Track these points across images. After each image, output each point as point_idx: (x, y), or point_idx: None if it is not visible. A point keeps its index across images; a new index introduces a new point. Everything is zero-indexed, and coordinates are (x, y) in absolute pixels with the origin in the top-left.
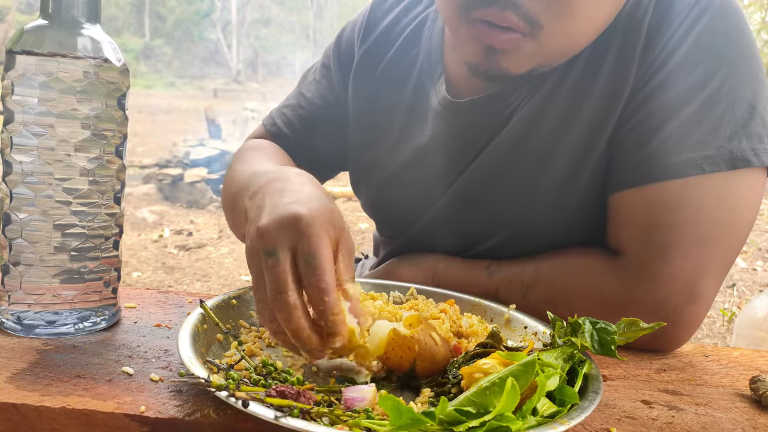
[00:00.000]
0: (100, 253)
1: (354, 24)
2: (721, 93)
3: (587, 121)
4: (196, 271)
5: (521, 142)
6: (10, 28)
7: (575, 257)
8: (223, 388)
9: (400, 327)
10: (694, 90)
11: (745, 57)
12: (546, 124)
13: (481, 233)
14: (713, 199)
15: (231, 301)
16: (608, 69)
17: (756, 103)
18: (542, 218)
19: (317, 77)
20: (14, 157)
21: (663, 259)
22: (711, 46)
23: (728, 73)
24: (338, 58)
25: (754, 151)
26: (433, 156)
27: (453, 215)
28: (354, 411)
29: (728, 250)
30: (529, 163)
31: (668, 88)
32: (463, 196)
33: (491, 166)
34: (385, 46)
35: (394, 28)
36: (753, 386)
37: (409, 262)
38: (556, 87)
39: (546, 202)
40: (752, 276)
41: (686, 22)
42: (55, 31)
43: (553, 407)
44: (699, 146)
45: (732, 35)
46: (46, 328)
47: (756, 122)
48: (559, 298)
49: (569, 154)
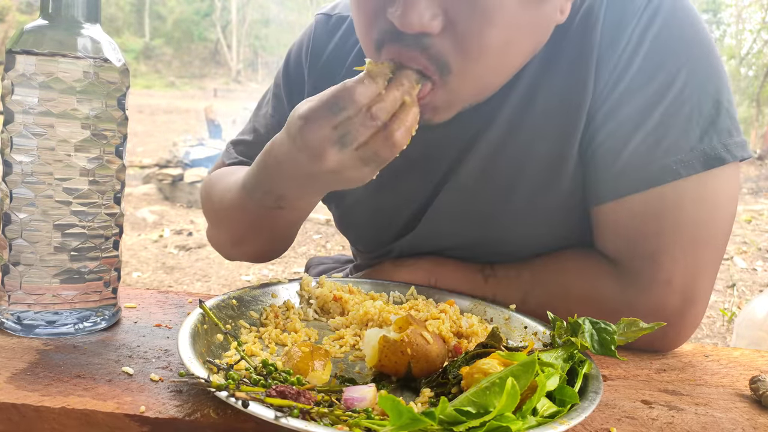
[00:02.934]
0: (100, 253)
1: (300, 48)
2: (685, 94)
3: (552, 135)
4: (196, 271)
5: (491, 162)
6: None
7: (572, 261)
8: (223, 388)
9: (389, 332)
10: (659, 95)
11: (703, 53)
12: (511, 143)
13: (459, 251)
14: (693, 200)
15: (231, 301)
16: (564, 82)
17: (720, 97)
18: (521, 235)
19: (269, 110)
20: (14, 157)
21: (654, 266)
22: (668, 48)
23: (689, 73)
24: (288, 86)
25: (726, 147)
26: (398, 178)
27: (429, 235)
28: (354, 411)
29: (716, 247)
30: (501, 183)
31: (632, 97)
32: (438, 215)
33: (462, 187)
34: (335, 67)
35: (340, 51)
36: (753, 386)
37: (405, 266)
38: (517, 105)
39: (523, 219)
40: (752, 276)
41: (639, 26)
42: (55, 31)
43: (553, 407)
44: (671, 151)
45: (687, 34)
46: (46, 328)
47: (723, 117)
48: (557, 303)
49: (538, 170)
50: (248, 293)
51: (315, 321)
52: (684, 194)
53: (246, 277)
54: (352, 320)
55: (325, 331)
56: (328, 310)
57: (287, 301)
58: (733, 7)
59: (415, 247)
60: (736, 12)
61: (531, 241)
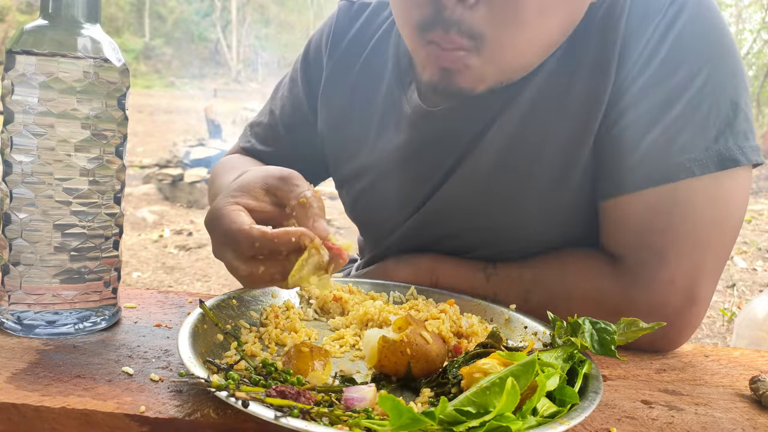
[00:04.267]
0: (100, 253)
1: (320, 36)
2: (704, 93)
3: (568, 126)
4: (196, 271)
5: (502, 150)
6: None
7: (574, 260)
8: (223, 388)
9: (389, 333)
10: (678, 92)
11: (724, 54)
12: (527, 132)
13: (465, 242)
14: (705, 200)
15: (231, 301)
16: (586, 73)
17: (738, 100)
18: (529, 228)
19: (285, 93)
20: (14, 157)
21: (659, 263)
22: (691, 46)
23: (710, 73)
24: (306, 73)
25: (741, 149)
26: (410, 163)
27: (435, 224)
28: (354, 411)
29: (722, 249)
30: (511, 172)
31: (652, 91)
32: (445, 203)
33: (472, 175)
34: (353, 55)
35: (362, 36)
36: (753, 386)
37: (406, 263)
38: (536, 94)
39: (532, 210)
40: (752, 276)
41: (663, 22)
42: (55, 31)
43: (553, 407)
44: (687, 149)
45: (711, 33)
46: (46, 328)
47: (740, 120)
48: (559, 302)
49: (552, 161)
50: (248, 293)
51: (315, 321)
52: (696, 192)
53: None
54: (352, 320)
55: (325, 331)
56: (328, 310)
57: (287, 301)
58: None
59: (421, 230)
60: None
61: (533, 235)
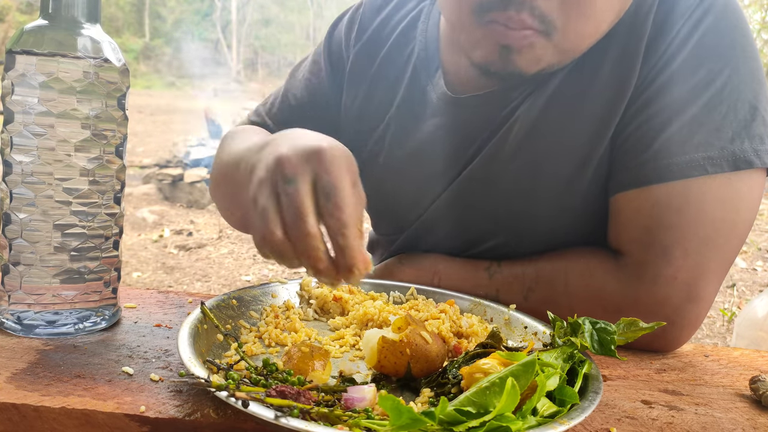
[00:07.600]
0: (100, 253)
1: (345, 23)
2: (724, 94)
3: (589, 119)
4: (196, 271)
5: (523, 140)
6: (10, 28)
7: (576, 258)
8: (223, 388)
9: (388, 333)
10: (698, 91)
11: (746, 57)
12: (548, 123)
13: (481, 233)
14: (715, 200)
15: (231, 301)
16: (611, 67)
17: (757, 103)
18: (543, 218)
19: (306, 75)
20: (14, 157)
21: (664, 259)
22: (714, 46)
23: (731, 74)
24: (329, 58)
25: (756, 152)
26: (432, 151)
27: (452, 214)
28: (354, 411)
29: (729, 251)
30: (530, 162)
31: (672, 88)
32: (462, 193)
33: (492, 164)
34: (378, 43)
35: (387, 24)
36: (753, 386)
37: (409, 263)
38: (559, 85)
39: (547, 201)
40: (752, 276)
41: (690, 21)
42: (55, 31)
43: (553, 407)
44: (702, 147)
45: (734, 36)
46: (46, 328)
47: (757, 123)
48: (560, 299)
49: (571, 152)
50: (248, 293)
51: (315, 321)
52: (708, 192)
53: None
54: (352, 320)
55: (325, 331)
56: (328, 310)
57: (287, 301)
58: None
59: (436, 221)
60: None
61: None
